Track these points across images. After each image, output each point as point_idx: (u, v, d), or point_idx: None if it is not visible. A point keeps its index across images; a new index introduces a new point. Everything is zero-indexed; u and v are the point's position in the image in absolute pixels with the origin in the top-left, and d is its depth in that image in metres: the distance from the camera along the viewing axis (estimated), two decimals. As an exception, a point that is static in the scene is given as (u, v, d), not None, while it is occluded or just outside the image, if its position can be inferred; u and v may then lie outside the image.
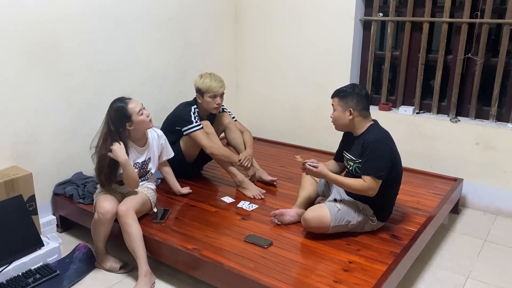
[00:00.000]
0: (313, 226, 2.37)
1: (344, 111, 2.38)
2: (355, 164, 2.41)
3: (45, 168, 2.90)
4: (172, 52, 3.65)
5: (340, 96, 2.40)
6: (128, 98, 2.49)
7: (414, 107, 3.55)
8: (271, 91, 4.19)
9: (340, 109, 2.39)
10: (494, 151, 3.20)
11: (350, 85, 2.45)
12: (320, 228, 2.37)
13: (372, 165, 2.29)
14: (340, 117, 2.40)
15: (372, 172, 2.27)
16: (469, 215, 3.28)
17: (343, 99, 2.38)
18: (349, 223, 2.37)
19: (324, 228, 2.35)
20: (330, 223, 2.33)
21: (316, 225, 2.36)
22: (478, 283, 2.48)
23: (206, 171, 3.41)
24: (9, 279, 2.33)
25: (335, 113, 2.43)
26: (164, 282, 2.44)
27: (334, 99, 2.43)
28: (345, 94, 2.38)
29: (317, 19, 3.75)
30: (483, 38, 3.18)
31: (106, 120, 2.46)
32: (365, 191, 2.30)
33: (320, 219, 2.34)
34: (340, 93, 2.41)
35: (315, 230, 2.40)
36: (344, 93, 2.39)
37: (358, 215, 2.39)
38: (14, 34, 2.62)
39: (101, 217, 2.40)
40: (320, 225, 2.35)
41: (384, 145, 2.32)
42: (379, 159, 2.29)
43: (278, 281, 2.03)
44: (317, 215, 2.36)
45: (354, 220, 2.37)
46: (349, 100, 2.37)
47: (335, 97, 2.43)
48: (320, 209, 2.38)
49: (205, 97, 2.95)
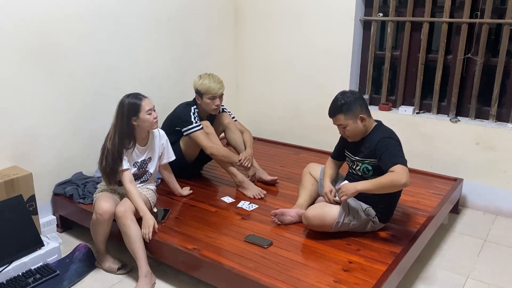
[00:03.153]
0: (315, 225, 2.37)
1: (355, 122, 2.33)
2: (364, 165, 2.39)
3: (45, 168, 2.90)
4: (172, 52, 3.65)
5: (343, 110, 2.31)
6: (143, 96, 2.52)
7: (414, 107, 3.55)
8: (271, 91, 4.19)
9: (351, 122, 2.33)
10: (494, 151, 3.20)
11: (342, 96, 2.34)
12: (322, 227, 2.37)
13: (395, 155, 2.23)
14: (356, 128, 2.35)
15: (399, 160, 2.21)
16: (469, 215, 3.28)
17: (349, 112, 2.31)
18: (350, 222, 2.36)
19: (326, 226, 2.35)
20: (333, 222, 2.32)
21: (318, 223, 2.36)
22: (478, 283, 2.48)
23: (206, 171, 3.41)
24: (9, 279, 2.33)
25: (348, 128, 2.34)
26: (164, 282, 2.44)
27: (338, 117, 2.34)
28: (347, 106, 2.31)
29: (317, 19, 3.75)
30: (483, 38, 3.18)
31: (116, 111, 2.50)
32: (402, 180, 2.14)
33: (322, 217, 2.34)
34: (342, 108, 2.32)
35: (316, 228, 2.40)
36: (346, 105, 2.31)
37: (360, 216, 2.38)
38: (14, 34, 2.62)
39: (99, 218, 2.40)
40: (322, 223, 2.35)
41: (396, 139, 2.34)
42: (398, 148, 2.29)
43: (278, 281, 2.03)
44: (319, 213, 2.36)
45: (356, 220, 2.37)
46: (354, 109, 2.31)
47: (339, 114, 2.33)
48: (322, 208, 2.38)
49: (204, 98, 2.95)
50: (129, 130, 2.50)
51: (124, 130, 2.48)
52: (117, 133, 2.47)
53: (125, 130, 2.48)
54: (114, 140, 2.47)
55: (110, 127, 2.51)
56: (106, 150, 2.47)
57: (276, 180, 3.14)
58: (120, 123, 2.47)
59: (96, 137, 2.92)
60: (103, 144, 2.51)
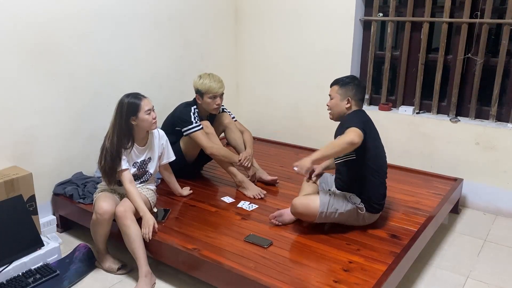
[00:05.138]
0: (300, 212, 2.42)
1: (342, 99, 2.44)
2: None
3: (45, 168, 2.90)
4: (172, 52, 3.66)
5: (340, 84, 2.46)
6: (143, 96, 2.53)
7: (414, 107, 3.55)
8: (271, 91, 4.19)
9: (339, 97, 2.44)
10: (494, 151, 3.20)
11: (350, 76, 2.52)
12: (307, 216, 2.41)
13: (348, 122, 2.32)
14: (338, 104, 2.45)
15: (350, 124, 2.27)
16: (469, 215, 3.28)
17: (343, 87, 2.44)
18: (336, 211, 2.37)
19: (311, 216, 2.39)
20: (316, 212, 2.36)
21: (303, 211, 2.40)
22: (478, 283, 2.48)
23: (206, 171, 3.41)
24: (9, 279, 2.33)
25: (332, 101, 2.48)
26: (164, 282, 2.44)
27: (334, 87, 2.49)
28: (345, 82, 2.45)
29: (317, 19, 3.75)
30: (483, 38, 3.18)
31: (115, 110, 2.50)
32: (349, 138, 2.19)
33: (308, 205, 2.39)
34: (340, 82, 2.47)
35: (302, 217, 2.46)
36: (344, 82, 2.45)
37: (346, 204, 2.40)
38: (14, 34, 2.62)
39: (99, 218, 2.40)
40: (306, 211, 2.39)
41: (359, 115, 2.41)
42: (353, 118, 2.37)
43: (278, 281, 2.03)
44: (305, 202, 2.41)
45: (342, 209, 2.38)
46: (348, 89, 2.43)
47: (335, 85, 2.49)
48: (310, 197, 2.44)
49: (205, 98, 2.95)
50: (128, 129, 2.50)
51: (123, 129, 2.48)
52: (115, 133, 2.47)
53: (124, 130, 2.48)
54: (112, 140, 2.47)
55: (109, 127, 2.52)
56: (105, 150, 2.48)
57: (276, 180, 3.14)
58: (119, 122, 2.47)
59: (96, 137, 2.91)
60: (102, 144, 2.51)
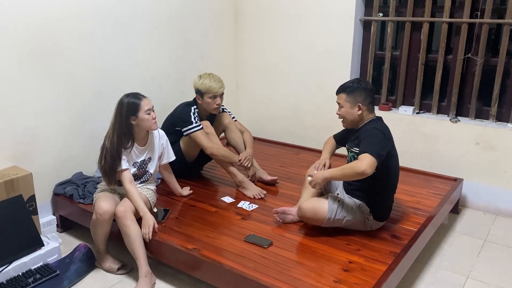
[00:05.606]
0: (308, 217, 2.40)
1: (352, 107, 2.36)
2: (351, 153, 2.42)
3: (45, 168, 2.90)
4: (172, 52, 3.65)
5: (347, 91, 2.36)
6: (143, 96, 2.53)
7: (414, 107, 3.55)
8: (271, 91, 4.19)
9: (348, 105, 2.36)
10: (494, 151, 3.20)
11: (355, 80, 2.41)
12: (315, 220, 2.39)
13: (370, 144, 2.23)
14: (349, 112, 2.37)
15: (370, 149, 2.19)
16: (469, 215, 3.28)
17: (351, 94, 2.35)
18: (344, 218, 2.37)
19: (319, 220, 2.37)
20: (324, 217, 2.34)
21: (311, 216, 2.38)
22: (478, 283, 2.48)
23: (206, 171, 3.41)
24: (9, 279, 2.33)
25: (342, 109, 2.39)
26: (164, 282, 2.44)
27: (341, 96, 2.39)
28: (352, 89, 2.35)
29: (317, 19, 3.75)
30: (483, 38, 3.18)
31: (115, 110, 2.50)
32: (361, 168, 2.12)
33: (316, 210, 2.36)
34: (346, 89, 2.37)
35: (310, 221, 2.43)
36: (350, 88, 2.36)
37: (355, 212, 2.39)
38: (14, 34, 2.62)
39: (99, 218, 2.40)
40: (314, 216, 2.37)
41: (378, 131, 2.29)
42: (374, 138, 2.26)
43: (278, 281, 2.03)
44: (314, 206, 2.38)
45: (349, 216, 2.37)
46: (357, 95, 2.34)
47: (342, 93, 2.38)
48: (317, 201, 2.41)
49: (205, 98, 2.95)
50: (128, 129, 2.50)
51: (123, 129, 2.48)
52: (115, 132, 2.47)
53: (124, 129, 2.48)
54: (112, 139, 2.47)
55: (109, 126, 2.52)
56: (105, 149, 2.48)
57: (276, 180, 3.14)
58: (119, 122, 2.47)
59: (96, 137, 2.92)
60: (102, 143, 2.51)
